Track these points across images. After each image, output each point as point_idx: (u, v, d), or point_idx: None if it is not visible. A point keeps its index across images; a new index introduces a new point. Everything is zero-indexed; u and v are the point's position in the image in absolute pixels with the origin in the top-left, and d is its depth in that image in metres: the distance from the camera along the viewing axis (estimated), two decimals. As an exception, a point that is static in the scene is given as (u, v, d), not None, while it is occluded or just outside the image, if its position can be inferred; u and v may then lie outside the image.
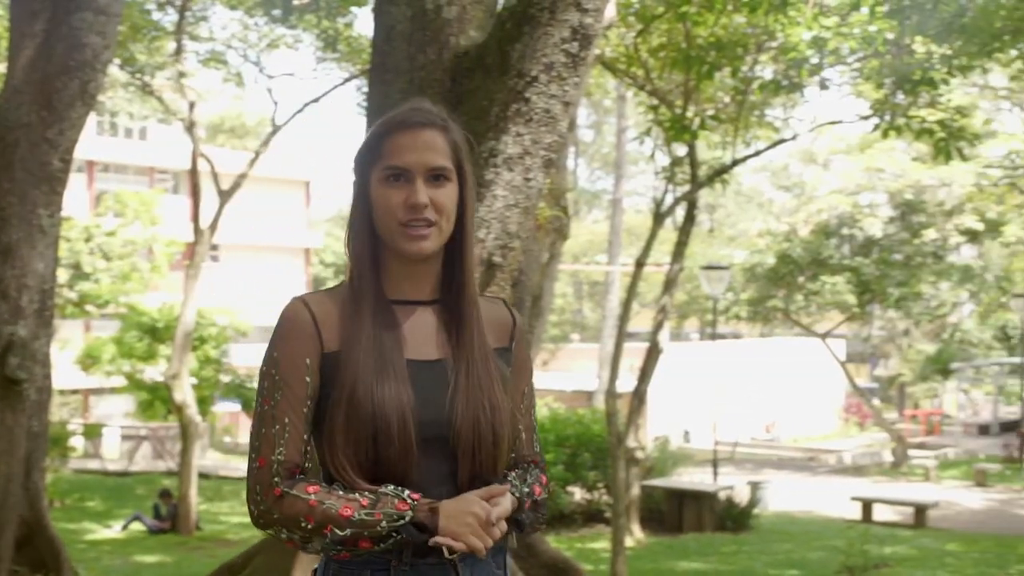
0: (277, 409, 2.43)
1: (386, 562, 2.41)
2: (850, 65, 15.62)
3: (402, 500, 2.36)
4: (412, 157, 2.49)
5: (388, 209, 2.49)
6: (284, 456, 2.41)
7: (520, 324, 2.74)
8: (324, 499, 2.36)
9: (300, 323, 2.48)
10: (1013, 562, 15.80)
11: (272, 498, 2.38)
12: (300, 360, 2.45)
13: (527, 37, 5.89)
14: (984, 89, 32.25)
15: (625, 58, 15.88)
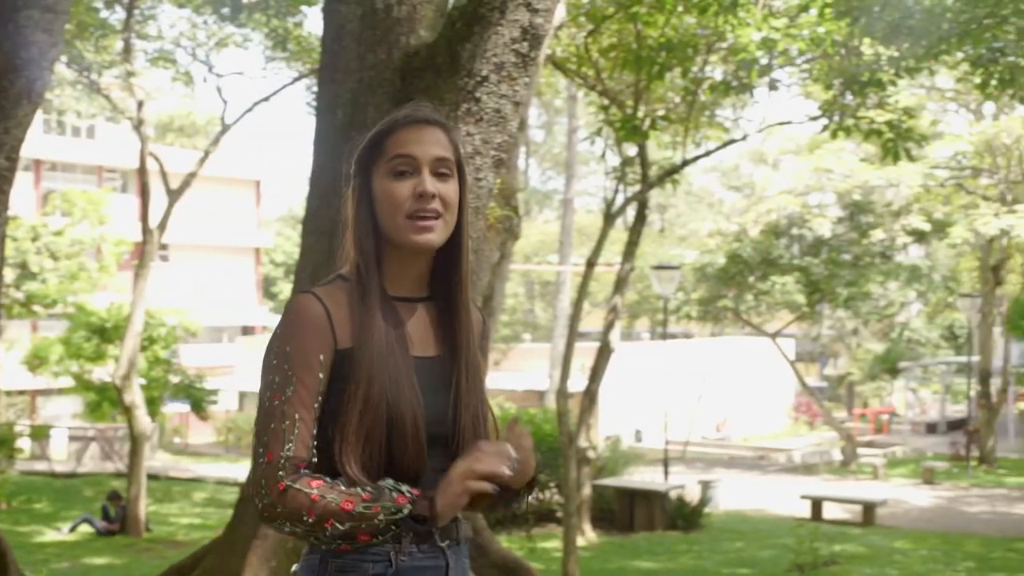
0: (288, 405, 2.43)
1: (386, 554, 2.43)
2: (799, 66, 15.72)
3: (401, 494, 2.38)
4: (419, 148, 2.52)
5: (394, 202, 2.51)
6: (292, 452, 2.40)
7: (487, 323, 2.79)
8: (326, 494, 2.36)
9: (315, 318, 2.47)
10: (960, 559, 15.95)
11: (277, 493, 2.38)
12: (314, 356, 2.45)
13: (477, 37, 5.88)
14: (931, 91, 32.55)
15: (576, 58, 15.90)
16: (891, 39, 13.86)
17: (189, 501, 24.78)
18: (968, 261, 40.27)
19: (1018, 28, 14.15)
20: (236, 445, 37.65)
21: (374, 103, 6.47)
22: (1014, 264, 35.13)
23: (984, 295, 32.22)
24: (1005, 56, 14.84)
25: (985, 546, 17.41)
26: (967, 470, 29.81)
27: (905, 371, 44.20)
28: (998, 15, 13.51)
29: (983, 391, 32.50)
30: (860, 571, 14.68)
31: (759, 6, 13.92)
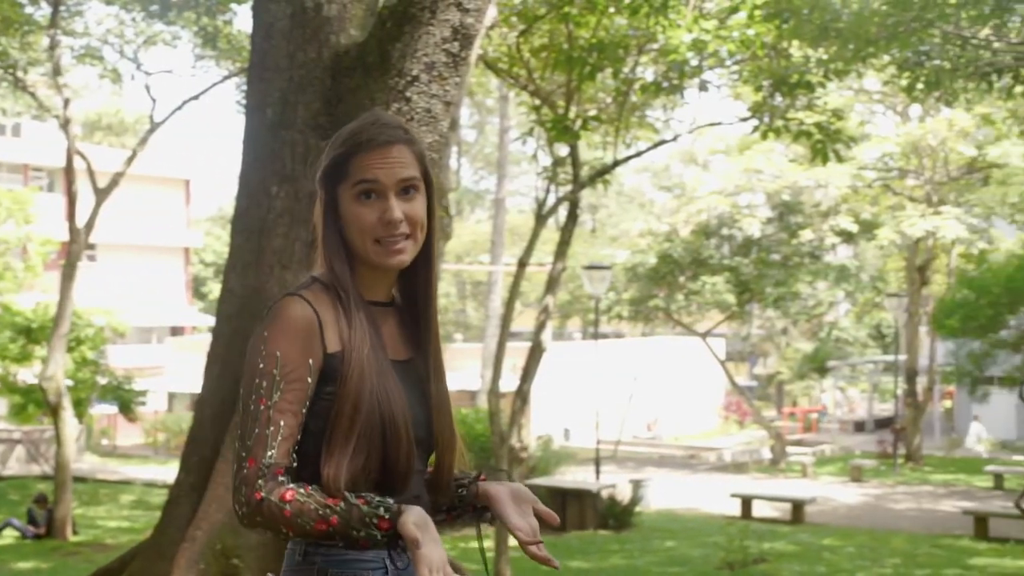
0: (274, 410, 2.40)
1: (382, 561, 2.45)
2: (729, 68, 15.82)
3: (382, 519, 2.35)
4: (383, 172, 2.51)
5: (362, 227, 2.50)
6: (273, 459, 2.38)
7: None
8: (299, 514, 2.34)
9: (306, 323, 2.45)
10: (887, 555, 16.12)
11: (254, 502, 2.36)
12: (303, 361, 2.43)
13: (408, 36, 5.86)
14: (859, 92, 32.89)
15: (507, 58, 15.90)
16: (820, 41, 13.99)
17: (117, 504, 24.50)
18: (895, 261, 40.75)
19: (943, 32, 14.34)
20: (165, 447, 37.28)
21: (304, 102, 6.44)
22: (939, 264, 35.58)
23: (910, 295, 32.63)
24: (931, 59, 15.04)
25: (911, 543, 17.61)
26: (894, 468, 30.16)
27: (833, 370, 44.63)
28: (924, 19, 13.68)
29: (910, 390, 32.88)
30: (789, 568, 14.79)
31: (690, 8, 14.00)
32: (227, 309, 7.35)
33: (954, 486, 27.13)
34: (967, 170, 30.61)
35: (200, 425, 7.49)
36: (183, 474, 7.51)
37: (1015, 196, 24.47)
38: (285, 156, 6.77)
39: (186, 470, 7.47)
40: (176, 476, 7.63)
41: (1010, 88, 15.39)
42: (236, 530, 6.56)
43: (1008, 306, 18.50)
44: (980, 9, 13.77)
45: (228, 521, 6.60)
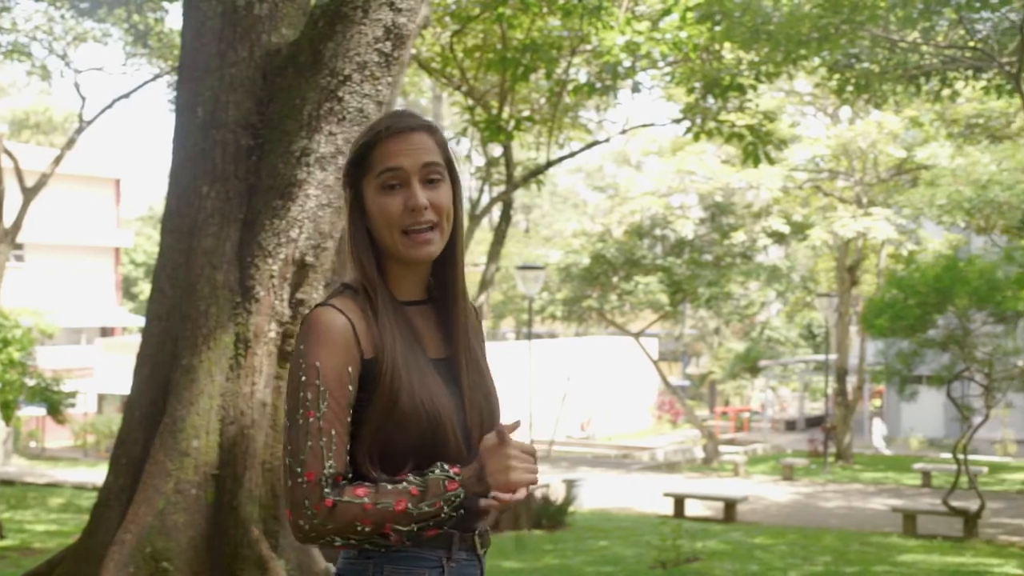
0: (324, 420, 2.42)
1: (439, 559, 2.47)
2: (662, 69, 15.91)
3: (450, 479, 2.39)
4: (406, 159, 2.50)
5: (388, 218, 2.50)
6: (333, 469, 2.41)
7: (479, 317, 2.79)
8: (377, 500, 2.38)
9: (341, 331, 2.46)
10: (817, 553, 16.26)
11: (325, 511, 2.38)
12: (343, 369, 2.44)
13: (340, 36, 5.84)
14: (790, 94, 33.18)
15: (441, 58, 15.90)
16: (751, 44, 14.09)
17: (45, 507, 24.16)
18: (825, 262, 41.13)
19: (873, 35, 14.50)
20: (95, 449, 36.86)
21: (235, 101, 6.39)
22: (869, 265, 35.97)
23: (841, 295, 32.93)
24: (860, 62, 15.21)
25: (841, 540, 17.77)
26: (825, 466, 30.44)
27: (765, 369, 44.99)
28: (854, 22, 13.82)
29: (840, 389, 33.20)
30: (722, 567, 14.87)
31: (622, 10, 14.05)
32: (157, 310, 7.28)
33: (883, 484, 27.43)
34: (896, 172, 30.98)
35: (130, 427, 7.41)
36: (112, 477, 7.42)
37: (943, 198, 24.76)
38: (216, 155, 6.71)
39: (115, 473, 7.38)
40: (105, 479, 7.54)
41: (938, 91, 15.59)
42: (166, 533, 6.50)
43: (936, 306, 18.71)
44: (908, 13, 13.94)
45: (157, 524, 6.54)
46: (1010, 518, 21.36)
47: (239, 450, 6.62)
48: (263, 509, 6.76)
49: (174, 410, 6.69)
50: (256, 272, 6.45)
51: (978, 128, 26.15)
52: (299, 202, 6.00)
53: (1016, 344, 19.19)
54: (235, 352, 6.61)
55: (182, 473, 6.61)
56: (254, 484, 6.68)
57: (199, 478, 6.63)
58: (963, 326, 18.95)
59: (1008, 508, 22.82)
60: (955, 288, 18.18)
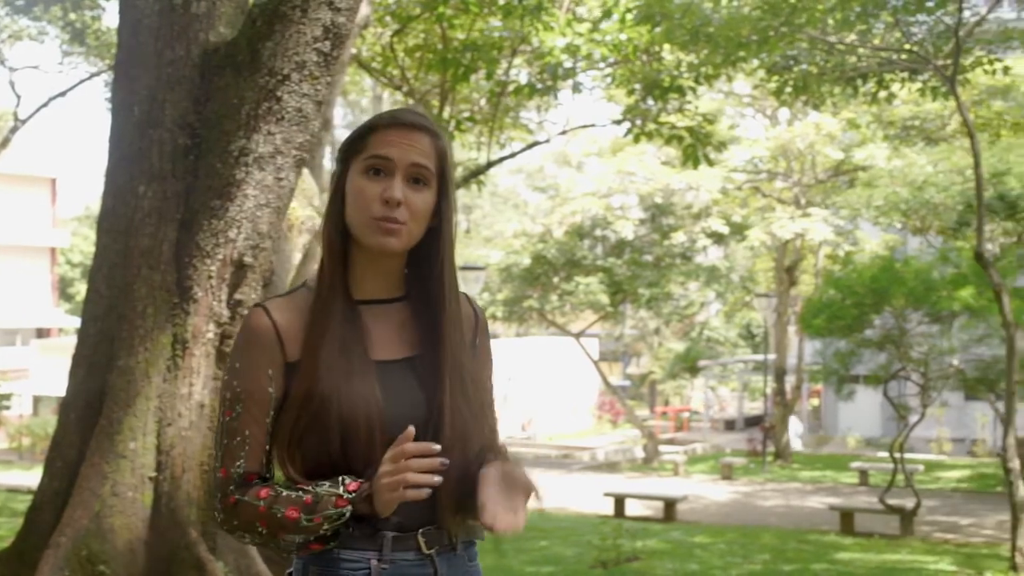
0: (238, 421, 2.45)
1: (366, 561, 2.43)
2: (602, 71, 15.95)
3: (339, 496, 2.36)
4: (397, 151, 2.48)
5: (363, 201, 2.47)
6: (243, 468, 2.44)
7: (482, 320, 2.74)
8: (272, 504, 2.39)
9: (261, 333, 2.48)
10: (756, 551, 16.37)
11: (229, 507, 2.43)
12: (262, 371, 2.46)
13: (279, 35, 5.81)
14: (729, 95, 33.40)
15: (381, 58, 15.85)
16: (691, 46, 14.16)
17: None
18: (764, 262, 41.44)
19: (811, 37, 14.62)
20: (30, 451, 36.40)
21: (172, 100, 6.34)
22: (807, 265, 36.26)
23: (779, 295, 33.18)
24: (798, 64, 15.32)
25: (780, 538, 17.90)
26: (763, 465, 30.65)
27: (705, 369, 45.23)
28: (792, 24, 13.93)
29: (778, 388, 33.44)
30: (662, 566, 14.93)
31: (563, 11, 14.08)
32: (93, 310, 7.20)
33: (821, 483, 27.66)
34: (834, 173, 31.26)
35: (65, 429, 7.32)
36: (47, 479, 7.34)
37: (880, 199, 25.01)
38: (153, 155, 6.65)
39: (50, 475, 7.30)
40: (40, 482, 7.45)
41: (874, 93, 15.74)
42: (102, 536, 6.44)
43: (873, 306, 18.90)
44: (846, 16, 14.06)
45: (93, 527, 6.47)
46: (945, 516, 21.61)
47: (177, 452, 6.57)
48: (201, 511, 6.71)
49: (110, 412, 6.62)
50: (194, 272, 6.40)
51: (914, 130, 26.43)
52: (237, 202, 5.95)
53: (951, 344, 19.43)
54: (172, 353, 6.55)
55: (119, 476, 6.54)
56: (192, 486, 6.63)
57: (136, 480, 6.57)
58: (899, 326, 19.15)
59: (943, 506, 23.10)
60: (891, 288, 18.37)
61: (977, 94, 22.22)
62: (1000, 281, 14.41)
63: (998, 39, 15.99)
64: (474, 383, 2.58)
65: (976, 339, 19.39)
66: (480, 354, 2.69)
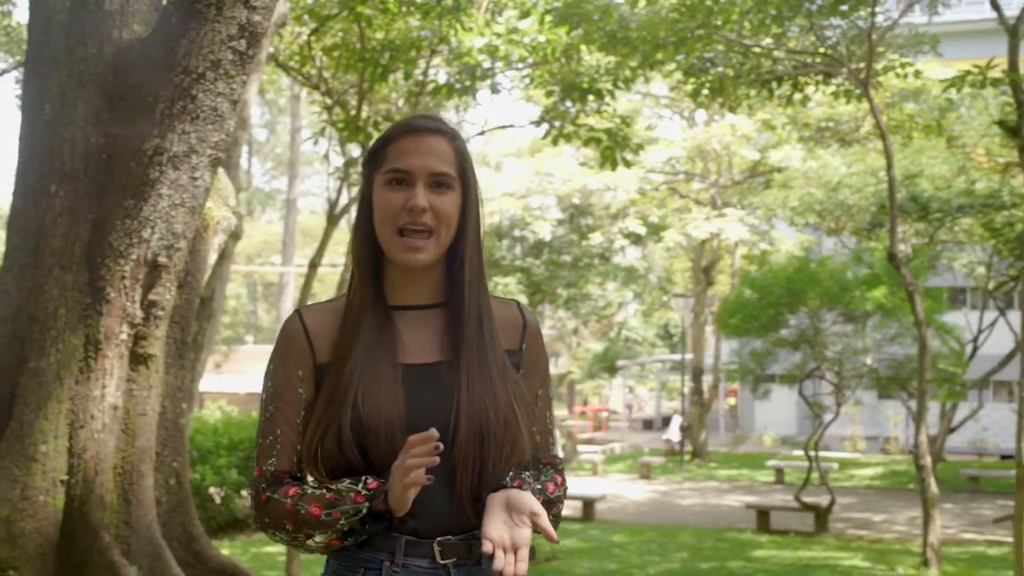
0: (272, 421, 2.57)
1: (378, 562, 2.48)
2: (521, 71, 15.96)
3: (358, 493, 2.42)
4: (415, 161, 2.53)
5: (387, 213, 2.53)
6: (275, 466, 2.55)
7: (532, 325, 2.75)
8: (298, 502, 2.46)
9: (293, 336, 2.58)
10: (674, 550, 16.49)
11: (262, 504, 2.53)
12: (292, 373, 2.56)
13: (193, 33, 5.74)
14: (646, 96, 33.59)
15: (299, 57, 15.74)
16: (609, 48, 14.21)
17: None
18: (681, 262, 41.75)
19: (727, 40, 14.74)
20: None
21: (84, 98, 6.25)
22: (724, 265, 36.58)
23: (696, 295, 33.44)
24: (715, 66, 15.45)
25: (697, 537, 18.05)
26: (681, 465, 30.86)
27: (623, 369, 45.45)
28: (709, 27, 14.03)
29: (696, 388, 33.70)
30: (581, 565, 14.99)
31: (481, 12, 14.07)
32: (3, 311, 7.08)
33: (738, 481, 27.92)
34: (750, 174, 31.56)
35: (-26, 433, 7.19)
36: (-45, 484, 7.20)
37: (795, 200, 25.29)
38: (64, 154, 6.55)
39: (-42, 480, 7.16)
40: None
41: (789, 95, 15.92)
42: (12, 541, 6.33)
43: (788, 306, 19.11)
44: (761, 19, 14.19)
45: (3, 532, 6.36)
46: (859, 512, 21.91)
47: (89, 455, 6.47)
48: (114, 515, 6.62)
49: (21, 414, 6.51)
50: (107, 273, 6.31)
51: (828, 132, 26.75)
52: (151, 202, 5.88)
53: (865, 343, 19.70)
54: (85, 355, 6.45)
55: (29, 479, 6.43)
56: (105, 489, 6.53)
57: (47, 484, 6.47)
58: (814, 326, 19.38)
59: (857, 503, 23.42)
60: (806, 289, 18.59)
61: (889, 97, 22.54)
62: (912, 281, 14.62)
63: (910, 43, 16.25)
64: (506, 389, 2.58)
65: (889, 338, 19.69)
66: (526, 362, 2.70)
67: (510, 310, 2.72)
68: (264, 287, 56.68)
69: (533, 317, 2.78)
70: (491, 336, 2.61)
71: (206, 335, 10.17)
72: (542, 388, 2.74)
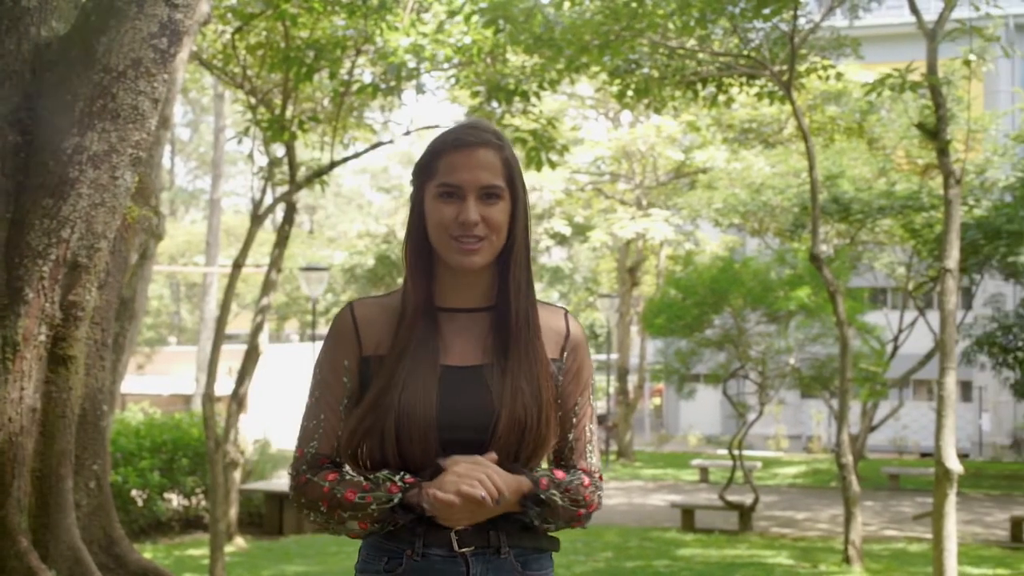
0: (317, 406, 2.70)
1: (400, 551, 2.60)
2: (447, 72, 15.94)
3: (393, 483, 2.54)
4: (465, 176, 2.62)
5: (441, 223, 2.63)
6: (316, 449, 2.68)
7: (575, 335, 2.82)
8: (336, 486, 2.58)
9: (343, 327, 2.71)
10: (599, 549, 16.54)
11: (300, 484, 2.66)
12: (339, 362, 2.69)
13: (114, 31, 5.66)
14: (572, 97, 33.68)
15: (222, 56, 15.61)
16: (535, 49, 14.22)
17: None
18: (607, 263, 41.92)
19: (652, 42, 14.81)
20: None
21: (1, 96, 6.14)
22: (649, 266, 36.78)
23: (622, 296, 33.59)
24: (640, 68, 15.52)
25: (623, 536, 18.12)
26: (606, 464, 30.98)
27: (549, 369, 45.45)
28: (634, 28, 14.09)
29: (621, 388, 33.84)
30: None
31: (407, 11, 14.04)
32: (-83, 313, 6.95)
33: (663, 480, 28.08)
34: (675, 175, 31.76)
35: None
36: None
37: (719, 201, 25.50)
38: (-18, 152, 6.44)
39: None
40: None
41: (714, 97, 16.03)
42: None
43: (712, 306, 19.25)
44: (686, 21, 14.28)
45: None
46: (782, 511, 22.13)
47: (6, 458, 6.36)
48: (32, 519, 6.52)
49: (-63, 418, 6.39)
50: (25, 273, 6.20)
51: (752, 133, 26.99)
52: (71, 201, 5.79)
53: (788, 343, 19.89)
54: (2, 356, 6.34)
55: (-55, 483, 6.32)
56: (23, 493, 6.43)
57: (-36, 488, 6.36)
58: (738, 326, 19.54)
59: (780, 501, 23.65)
60: (731, 289, 18.74)
61: (812, 99, 22.79)
62: (834, 281, 14.78)
63: (831, 46, 16.42)
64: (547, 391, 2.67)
65: (811, 338, 19.90)
66: (567, 371, 2.77)
67: (556, 319, 2.81)
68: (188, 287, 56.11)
69: (579, 327, 2.87)
70: (536, 339, 2.70)
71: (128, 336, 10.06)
72: (581, 396, 2.81)
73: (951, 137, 12.18)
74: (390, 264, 32.98)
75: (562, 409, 2.74)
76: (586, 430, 2.81)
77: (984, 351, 25.66)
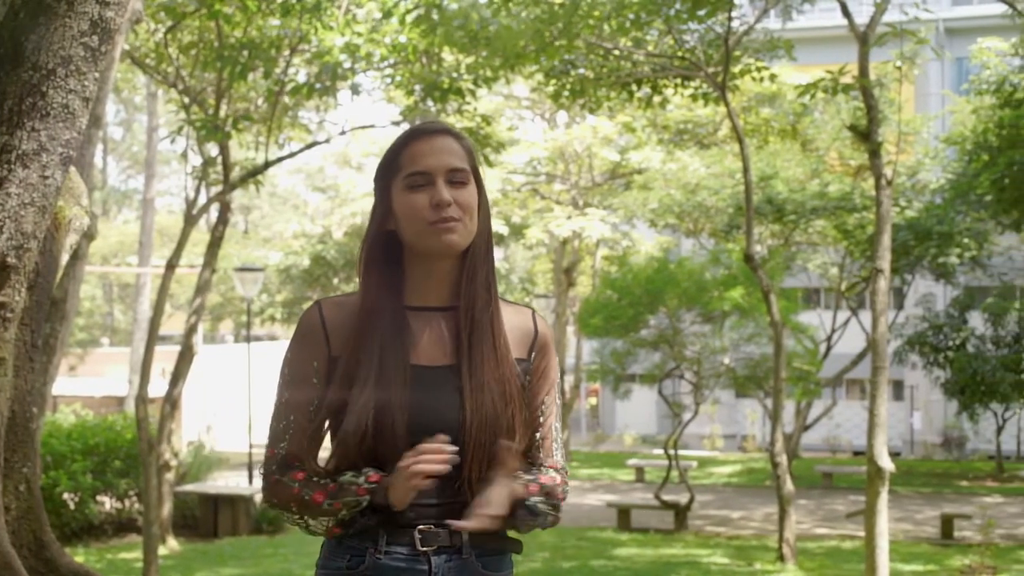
0: (285, 407, 2.67)
1: (363, 549, 2.58)
2: (382, 71, 15.89)
3: (359, 486, 2.53)
4: (432, 161, 2.62)
5: (414, 213, 2.60)
6: (286, 450, 2.66)
7: (543, 335, 2.81)
8: (304, 487, 2.59)
9: (309, 327, 2.67)
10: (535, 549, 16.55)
11: (271, 484, 2.66)
12: (307, 363, 2.66)
13: (43, 28, 5.58)
14: (508, 98, 33.71)
15: (155, 54, 15.48)
16: (470, 49, 14.22)
17: None
18: (543, 263, 41.95)
19: (588, 42, 14.86)
20: None
21: (-71, 94, 6.05)
22: (585, 267, 36.87)
23: (558, 296, 33.65)
24: (576, 68, 15.56)
25: (559, 536, 18.14)
26: (542, 464, 30.95)
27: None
28: (570, 32, 14.12)
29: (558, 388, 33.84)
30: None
31: (342, 11, 13.98)
32: None
33: (599, 480, 28.16)
34: (610, 175, 31.85)
35: None
36: None
37: (655, 201, 25.63)
38: (-92, 151, 6.33)
39: None
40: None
41: (649, 98, 16.11)
42: None
43: (648, 306, 19.34)
44: (621, 22, 14.33)
45: None
46: (717, 510, 22.28)
47: (-66, 463, 6.27)
48: (-39, 524, 6.42)
49: None
50: (-47, 274, 6.12)
51: (687, 134, 27.15)
52: (-1, 201, 5.71)
53: (722, 343, 20.02)
54: (-70, 359, 6.25)
55: None
56: (-49, 498, 6.34)
57: None
58: (673, 326, 19.64)
59: (715, 500, 23.80)
60: (666, 289, 18.83)
61: (746, 101, 22.96)
62: (768, 282, 14.91)
63: (765, 48, 16.55)
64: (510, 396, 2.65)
65: (746, 338, 20.05)
66: (534, 371, 2.78)
67: (524, 318, 2.79)
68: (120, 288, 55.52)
69: (546, 326, 2.85)
70: (500, 340, 2.68)
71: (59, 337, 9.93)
72: (547, 395, 2.82)
73: (883, 139, 12.33)
74: (325, 264, 32.83)
75: (529, 408, 2.74)
76: (552, 428, 2.83)
77: (915, 350, 26.03)
